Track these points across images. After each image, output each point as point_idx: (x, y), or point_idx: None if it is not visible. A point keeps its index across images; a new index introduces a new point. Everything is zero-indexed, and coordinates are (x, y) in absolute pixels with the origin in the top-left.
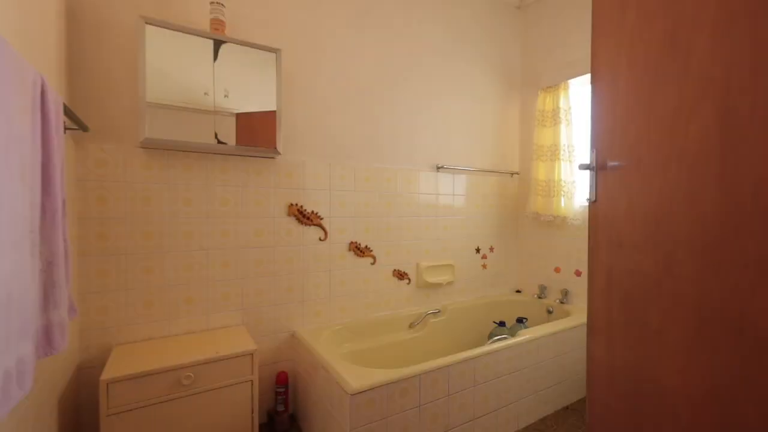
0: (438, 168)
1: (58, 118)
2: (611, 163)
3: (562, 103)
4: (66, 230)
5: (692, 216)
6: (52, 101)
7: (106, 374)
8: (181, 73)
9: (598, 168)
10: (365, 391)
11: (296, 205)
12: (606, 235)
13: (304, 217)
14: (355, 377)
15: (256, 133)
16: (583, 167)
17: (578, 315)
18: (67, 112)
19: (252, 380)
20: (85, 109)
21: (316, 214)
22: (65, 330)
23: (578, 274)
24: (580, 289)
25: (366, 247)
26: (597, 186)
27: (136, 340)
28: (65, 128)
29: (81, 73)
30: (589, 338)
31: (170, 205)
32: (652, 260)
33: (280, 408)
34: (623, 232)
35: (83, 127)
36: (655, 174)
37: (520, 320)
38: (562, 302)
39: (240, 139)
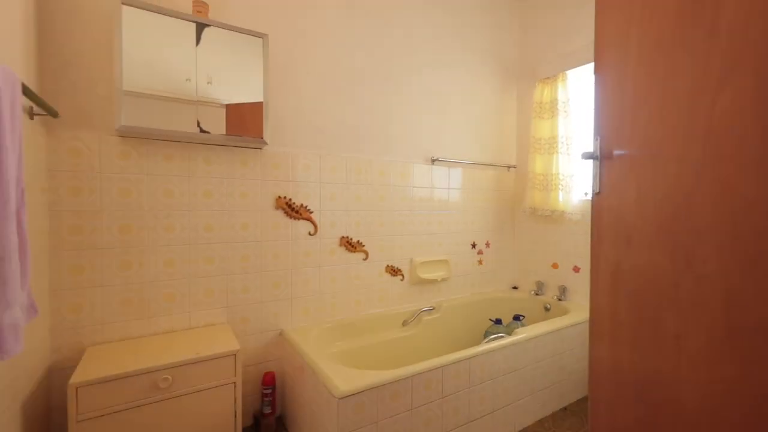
0: (433, 161)
1: (14, 97)
2: (618, 152)
3: (560, 95)
4: (23, 222)
5: (720, 206)
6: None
7: (76, 378)
8: (161, 57)
9: (603, 157)
10: (354, 394)
11: (284, 197)
12: (612, 229)
13: (292, 210)
14: (344, 379)
15: (242, 122)
16: (586, 156)
17: (576, 312)
18: (29, 94)
19: (235, 382)
20: (58, 96)
21: (306, 207)
22: (19, 332)
23: (576, 270)
24: (578, 286)
25: (358, 242)
26: (602, 177)
27: (112, 340)
28: (32, 114)
29: (53, 58)
30: (592, 338)
31: (150, 196)
32: (667, 257)
33: (267, 410)
34: (632, 226)
35: (52, 113)
36: (671, 160)
37: (516, 318)
38: (559, 299)
39: (225, 129)
